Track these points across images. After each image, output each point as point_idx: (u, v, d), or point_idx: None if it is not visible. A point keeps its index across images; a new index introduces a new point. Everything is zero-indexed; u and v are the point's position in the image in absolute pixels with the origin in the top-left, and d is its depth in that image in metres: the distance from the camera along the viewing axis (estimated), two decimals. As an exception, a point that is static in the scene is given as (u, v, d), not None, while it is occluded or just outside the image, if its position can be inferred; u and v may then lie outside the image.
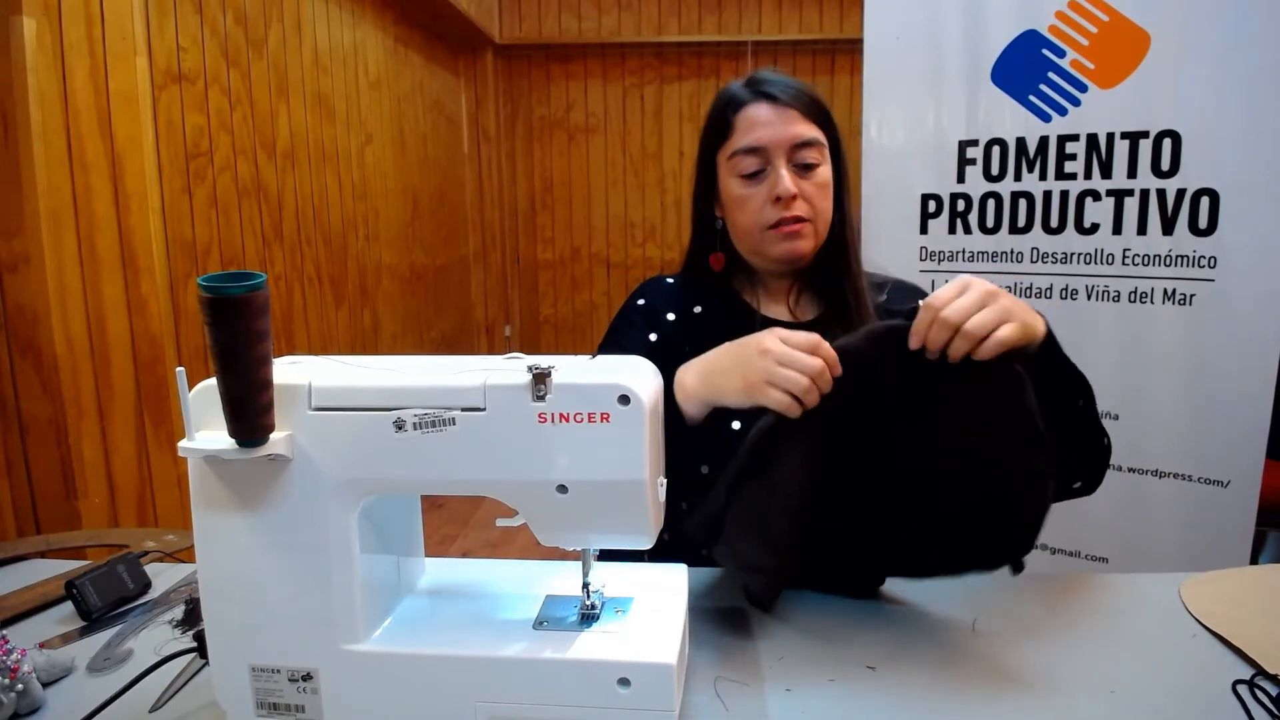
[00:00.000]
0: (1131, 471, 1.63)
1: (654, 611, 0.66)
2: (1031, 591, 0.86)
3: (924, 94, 1.76)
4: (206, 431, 0.61)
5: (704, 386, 0.80)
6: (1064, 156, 1.63)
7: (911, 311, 0.74)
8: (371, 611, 0.65)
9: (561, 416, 0.59)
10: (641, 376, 0.61)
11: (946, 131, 1.74)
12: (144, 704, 0.68)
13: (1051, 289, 1.68)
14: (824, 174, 0.98)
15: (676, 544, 0.80)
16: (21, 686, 0.66)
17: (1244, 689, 0.67)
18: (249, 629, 0.63)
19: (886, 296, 1.04)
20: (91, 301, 1.54)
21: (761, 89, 0.98)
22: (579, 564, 0.68)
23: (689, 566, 0.74)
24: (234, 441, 0.58)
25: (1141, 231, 1.57)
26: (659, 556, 0.78)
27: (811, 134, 0.96)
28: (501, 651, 0.62)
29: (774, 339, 0.75)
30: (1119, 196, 1.59)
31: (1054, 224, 1.66)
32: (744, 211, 0.99)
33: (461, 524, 3.36)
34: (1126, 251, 1.59)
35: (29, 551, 1.04)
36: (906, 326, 0.73)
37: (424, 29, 3.94)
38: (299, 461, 0.61)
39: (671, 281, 1.09)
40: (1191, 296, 1.54)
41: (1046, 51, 1.63)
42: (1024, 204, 1.68)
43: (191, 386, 0.60)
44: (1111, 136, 1.58)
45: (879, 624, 0.80)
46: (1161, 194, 1.54)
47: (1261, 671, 0.69)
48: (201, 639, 0.67)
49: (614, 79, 4.93)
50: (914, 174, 1.79)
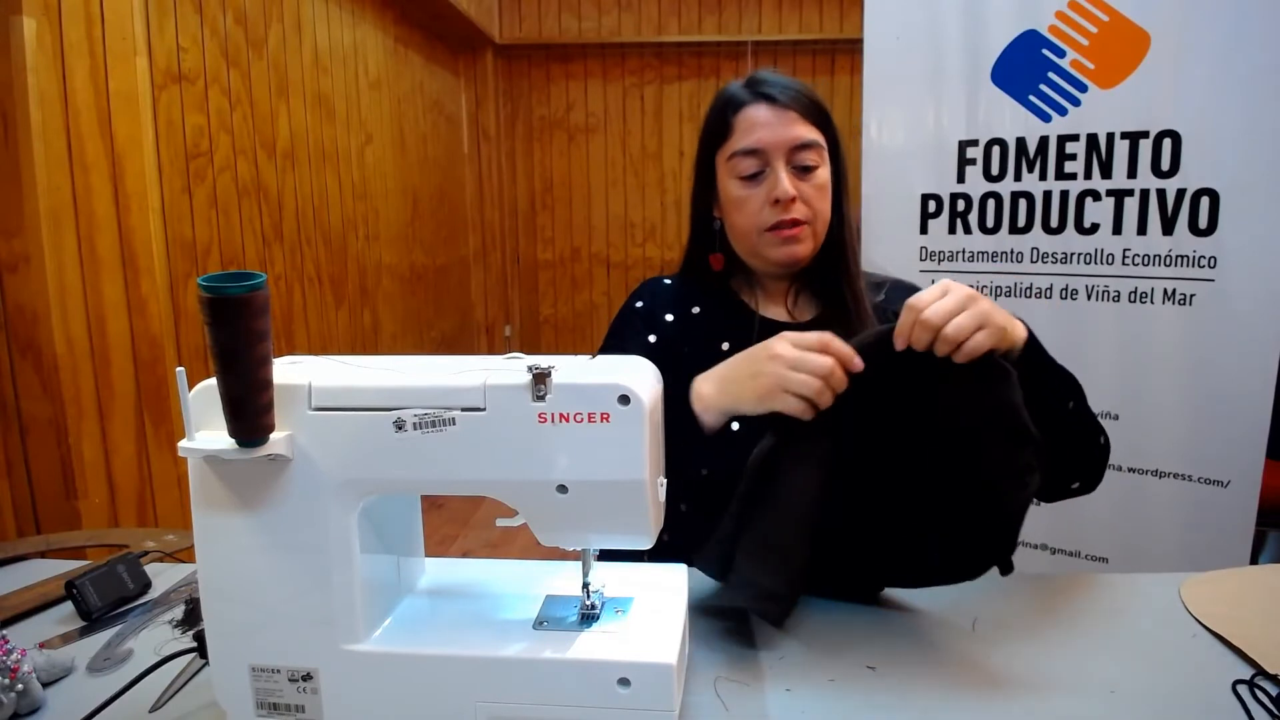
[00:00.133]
0: (1131, 471, 1.63)
1: (654, 611, 0.66)
2: (1031, 592, 0.86)
3: (924, 94, 1.76)
4: (206, 431, 0.61)
5: (721, 396, 0.80)
6: (1064, 156, 1.63)
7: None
8: (371, 611, 0.65)
9: (561, 416, 0.59)
10: (641, 376, 0.61)
11: (946, 131, 1.75)
12: (144, 704, 0.68)
13: (1051, 289, 1.68)
14: (822, 176, 0.98)
15: (676, 544, 0.80)
16: (21, 686, 0.66)
17: (1244, 689, 0.67)
18: (249, 629, 0.63)
19: (885, 296, 1.04)
20: (91, 301, 1.54)
21: (761, 90, 0.98)
22: (579, 564, 0.68)
23: (689, 566, 0.74)
24: (234, 441, 0.58)
25: (1141, 231, 1.57)
26: (659, 556, 0.78)
27: (810, 136, 0.96)
28: (501, 651, 0.62)
29: (784, 343, 0.75)
30: (1119, 196, 1.59)
31: (1054, 224, 1.66)
32: (742, 213, 0.99)
33: (461, 524, 3.36)
34: (1126, 251, 1.59)
35: (29, 551, 1.04)
36: (891, 327, 0.74)
37: (424, 29, 3.94)
38: (299, 461, 0.61)
39: (669, 283, 1.09)
40: (1191, 296, 1.54)
41: (1046, 51, 1.63)
42: (1024, 204, 1.68)
43: (191, 386, 0.60)
44: (1111, 136, 1.58)
45: (879, 624, 0.80)
46: (1161, 194, 1.54)
47: (1261, 671, 0.69)
48: (201, 639, 0.67)
49: (614, 79, 4.93)
50: (914, 174, 1.79)
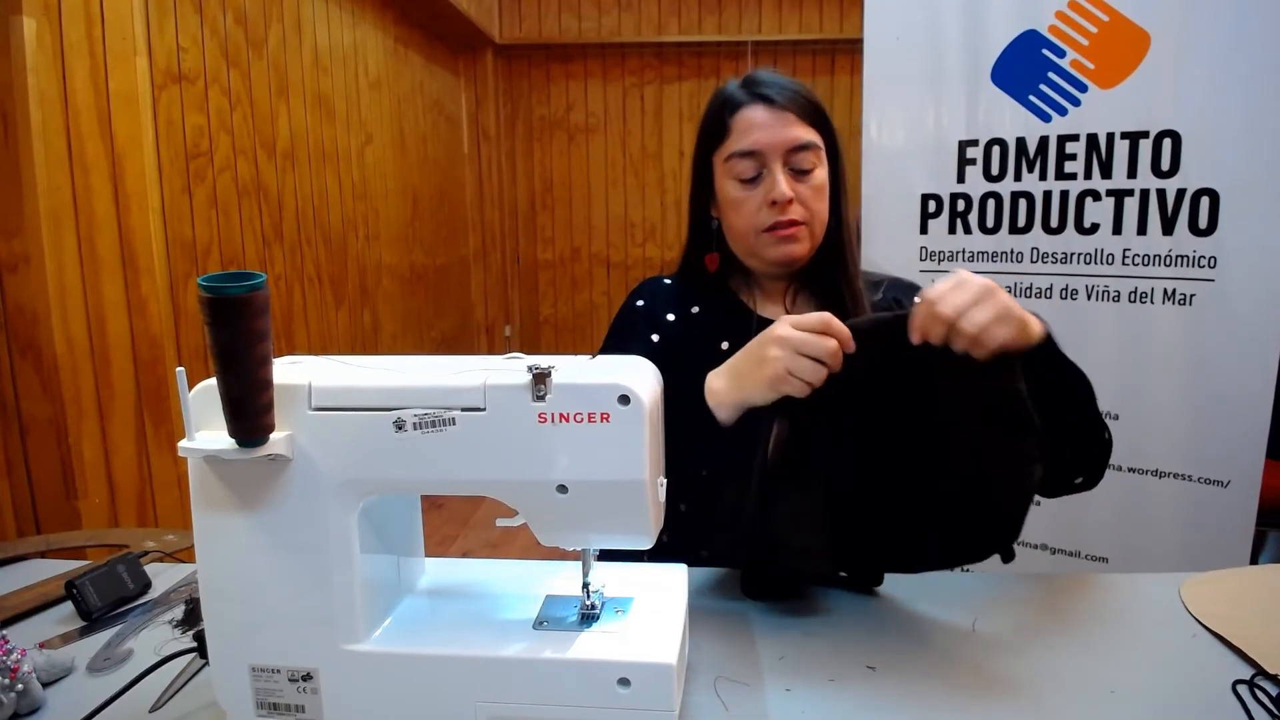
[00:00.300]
0: (1131, 471, 1.63)
1: (654, 611, 0.66)
2: (1031, 592, 0.86)
3: (924, 94, 1.76)
4: (206, 431, 0.61)
5: (732, 389, 0.80)
6: (1064, 156, 1.63)
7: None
8: (371, 611, 0.65)
9: (561, 416, 0.59)
10: (641, 376, 0.61)
11: (946, 131, 1.74)
12: (144, 704, 0.68)
13: (1051, 289, 1.68)
14: (820, 177, 0.98)
15: (676, 544, 0.81)
16: (21, 686, 0.66)
17: (1244, 689, 0.67)
18: (249, 629, 0.63)
19: (883, 295, 1.04)
20: (91, 301, 1.54)
21: (758, 90, 0.98)
22: (579, 564, 0.68)
23: (689, 566, 0.74)
24: (234, 441, 0.58)
25: (1141, 231, 1.57)
26: (659, 556, 0.78)
27: (808, 137, 0.96)
28: (501, 651, 0.62)
29: (785, 326, 0.75)
30: (1119, 196, 1.59)
31: (1054, 224, 1.66)
32: (740, 214, 0.99)
33: (461, 524, 3.36)
34: (1126, 251, 1.59)
35: (29, 551, 1.04)
36: (905, 316, 0.74)
37: (424, 29, 3.94)
38: (299, 461, 0.61)
39: (669, 282, 1.09)
40: (1191, 296, 1.54)
41: (1046, 51, 1.63)
42: (1024, 204, 1.68)
43: (191, 386, 0.60)
44: (1111, 136, 1.58)
45: (879, 624, 0.80)
46: (1161, 194, 1.54)
47: (1261, 671, 0.69)
48: (201, 639, 0.67)
49: (614, 79, 4.93)
50: (914, 174, 1.79)
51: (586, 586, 0.67)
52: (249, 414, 0.57)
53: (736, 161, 0.97)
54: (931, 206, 1.77)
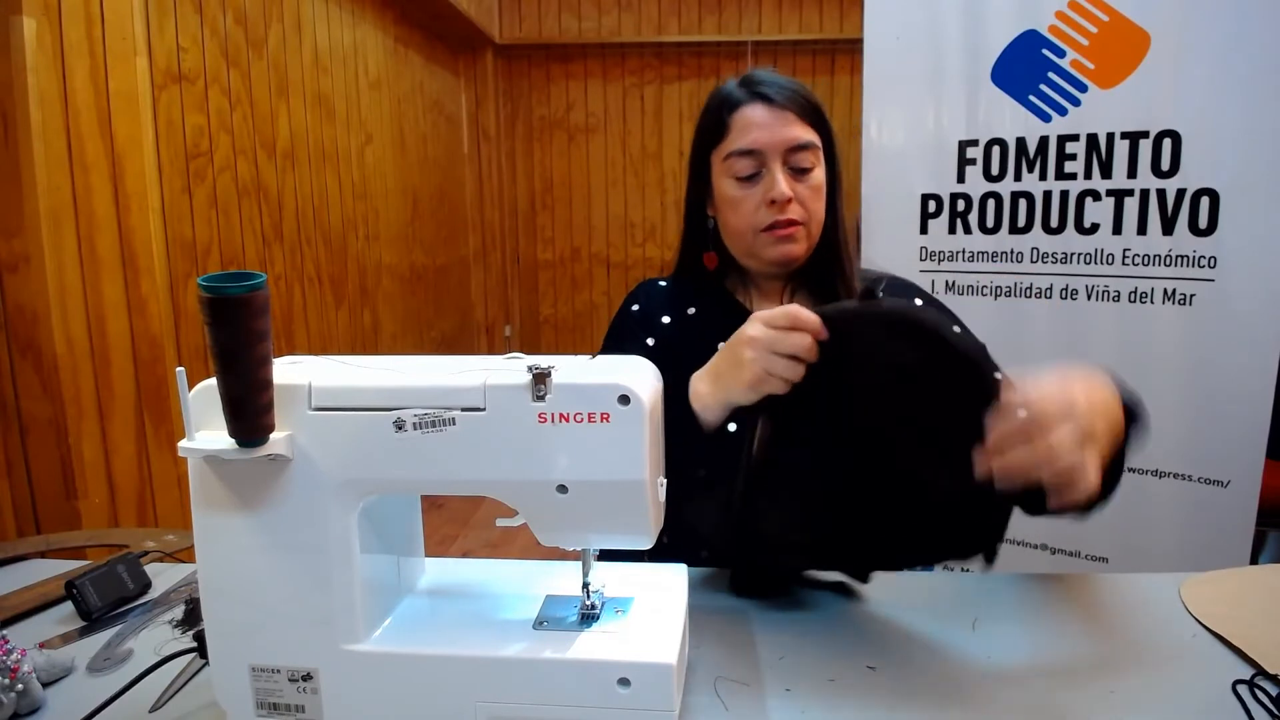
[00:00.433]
0: (1131, 471, 1.63)
1: (654, 611, 0.66)
2: (1031, 592, 0.86)
3: (924, 94, 1.76)
4: (206, 431, 0.61)
5: (715, 391, 0.80)
6: (1064, 156, 1.63)
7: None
8: (371, 611, 0.65)
9: (561, 416, 0.59)
10: (641, 376, 0.61)
11: (946, 131, 1.75)
12: (144, 704, 0.68)
13: (1051, 289, 1.68)
14: (818, 176, 0.98)
15: (676, 544, 0.80)
16: (21, 686, 0.66)
17: (1244, 689, 0.67)
18: (249, 629, 0.63)
19: (881, 294, 1.04)
20: (91, 301, 1.54)
21: (757, 89, 0.97)
22: (579, 564, 0.68)
23: (689, 566, 0.74)
24: (234, 441, 0.58)
25: (1141, 231, 1.57)
26: (659, 556, 0.78)
27: (807, 137, 0.96)
28: (501, 651, 0.62)
29: (757, 326, 0.74)
30: (1119, 196, 1.59)
31: (1054, 224, 1.66)
32: (738, 213, 0.98)
33: (461, 524, 3.36)
34: (1126, 251, 1.59)
35: (29, 551, 1.04)
36: (876, 296, 0.75)
37: (424, 29, 3.94)
38: (299, 461, 0.61)
39: (664, 284, 1.09)
40: (1191, 296, 1.54)
41: (1046, 51, 1.63)
42: (1024, 204, 1.68)
43: (191, 386, 0.60)
44: (1111, 136, 1.58)
45: (879, 624, 0.80)
46: (1161, 194, 1.54)
47: (1261, 671, 0.69)
48: (201, 639, 0.67)
49: (614, 79, 4.93)
50: (914, 174, 1.79)
51: (586, 586, 0.67)
52: (249, 414, 0.57)
53: (735, 160, 0.97)
54: (931, 206, 1.77)
